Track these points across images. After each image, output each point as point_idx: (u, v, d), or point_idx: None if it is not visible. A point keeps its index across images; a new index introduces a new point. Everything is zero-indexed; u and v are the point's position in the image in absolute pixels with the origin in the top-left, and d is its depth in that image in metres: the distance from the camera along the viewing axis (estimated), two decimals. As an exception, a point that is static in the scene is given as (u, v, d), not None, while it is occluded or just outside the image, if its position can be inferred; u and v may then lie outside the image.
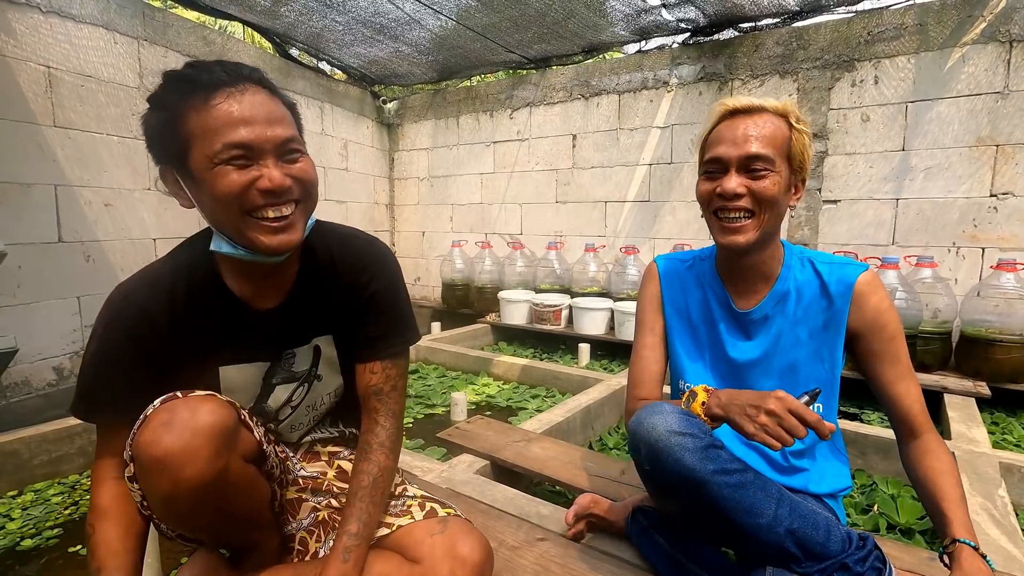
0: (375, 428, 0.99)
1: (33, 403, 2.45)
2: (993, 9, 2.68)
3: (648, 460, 0.95)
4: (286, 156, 0.82)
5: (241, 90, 0.80)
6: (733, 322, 1.11)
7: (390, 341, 1.02)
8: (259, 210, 0.81)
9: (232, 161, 0.78)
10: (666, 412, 0.94)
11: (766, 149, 0.97)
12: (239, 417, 0.86)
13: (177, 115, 0.79)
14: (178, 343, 0.89)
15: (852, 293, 1.01)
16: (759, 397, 0.88)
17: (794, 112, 1.01)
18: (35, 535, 1.54)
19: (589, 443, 2.19)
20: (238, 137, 0.77)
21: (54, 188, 2.50)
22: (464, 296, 4.34)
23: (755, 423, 0.86)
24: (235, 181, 0.78)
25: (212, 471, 0.77)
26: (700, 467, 0.88)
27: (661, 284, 1.20)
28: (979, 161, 2.77)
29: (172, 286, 0.88)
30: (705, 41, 3.44)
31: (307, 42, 3.74)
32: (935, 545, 1.48)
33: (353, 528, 0.89)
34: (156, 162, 0.85)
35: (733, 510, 0.88)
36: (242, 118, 0.78)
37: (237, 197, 0.79)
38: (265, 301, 0.94)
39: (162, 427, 0.76)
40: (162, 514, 0.83)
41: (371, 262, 1.01)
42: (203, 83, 0.78)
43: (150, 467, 0.76)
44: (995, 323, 2.48)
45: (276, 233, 0.82)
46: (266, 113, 0.80)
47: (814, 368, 1.05)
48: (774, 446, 0.84)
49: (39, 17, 2.42)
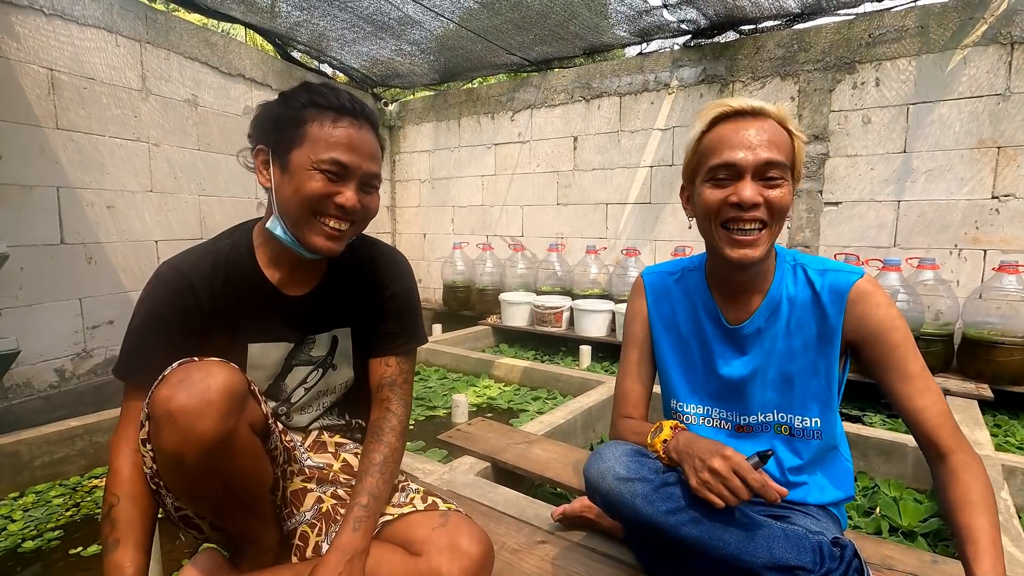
0: (387, 414, 1.07)
1: (35, 405, 2.45)
2: (994, 11, 2.68)
3: (606, 507, 0.97)
4: (366, 187, 0.98)
5: (362, 124, 0.97)
6: (724, 337, 1.06)
7: (405, 339, 1.14)
8: (327, 218, 0.95)
9: (327, 172, 0.93)
10: (614, 457, 0.95)
11: (781, 155, 0.91)
12: (249, 387, 0.91)
13: (303, 117, 0.94)
14: (215, 316, 1.00)
15: (845, 302, 0.96)
16: (709, 451, 0.86)
17: (791, 118, 0.96)
18: (36, 537, 1.54)
19: (590, 445, 2.18)
20: (344, 158, 0.93)
21: (56, 190, 2.50)
22: (465, 298, 4.34)
23: (699, 477, 0.85)
24: (321, 188, 0.93)
25: (222, 429, 0.82)
26: (653, 511, 0.89)
27: (648, 299, 1.16)
28: (981, 163, 2.77)
29: (214, 265, 1.00)
30: (706, 43, 3.44)
31: (309, 44, 3.75)
32: (938, 548, 1.47)
33: (364, 500, 0.94)
34: (256, 141, 0.99)
35: (696, 544, 0.87)
36: (351, 145, 0.94)
37: (316, 201, 0.93)
38: (295, 288, 1.06)
39: (179, 384, 0.81)
40: (170, 475, 0.86)
41: (393, 265, 1.15)
42: (336, 106, 0.95)
43: (164, 420, 0.80)
44: (997, 325, 2.48)
45: (328, 240, 0.96)
46: (370, 150, 0.97)
47: (810, 381, 1.00)
48: (716, 504, 0.83)
49: (42, 20, 2.43)
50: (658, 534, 0.90)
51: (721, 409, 1.08)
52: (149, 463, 0.87)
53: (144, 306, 0.97)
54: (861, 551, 0.90)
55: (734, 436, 1.07)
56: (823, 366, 1.00)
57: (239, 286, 1.01)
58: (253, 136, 1.00)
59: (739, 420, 1.07)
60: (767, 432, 1.05)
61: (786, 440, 1.03)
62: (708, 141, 0.95)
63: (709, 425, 1.09)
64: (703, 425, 1.09)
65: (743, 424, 1.06)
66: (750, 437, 1.06)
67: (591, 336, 3.43)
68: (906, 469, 1.82)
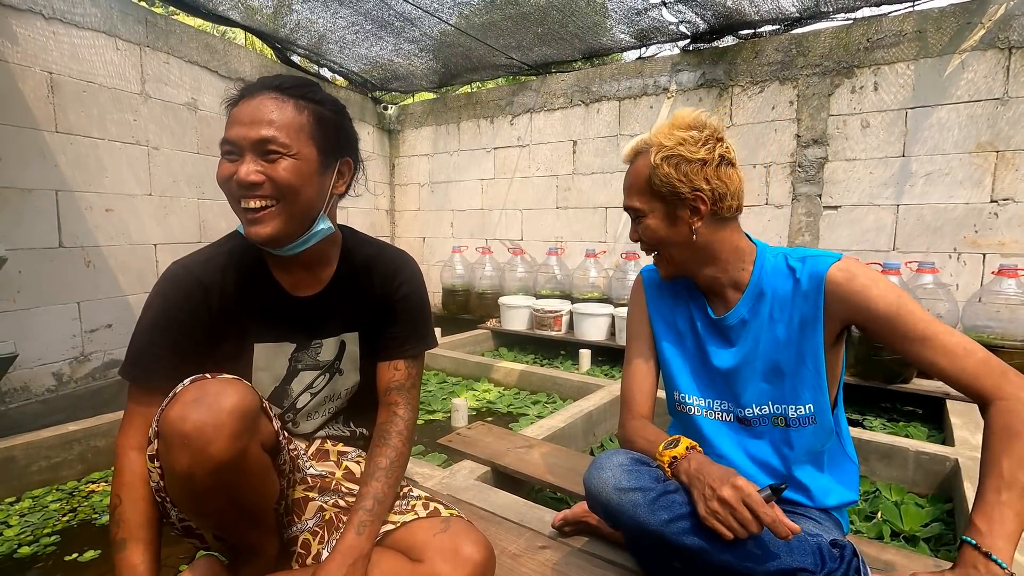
0: (394, 418, 1.06)
1: (32, 409, 2.44)
2: (992, 16, 2.69)
3: (607, 518, 0.97)
4: (267, 155, 0.89)
5: (261, 96, 0.90)
6: (713, 329, 1.10)
7: (414, 343, 1.12)
8: (238, 200, 0.91)
9: (226, 156, 0.91)
10: (613, 467, 0.96)
11: (632, 200, 1.06)
12: (262, 405, 0.90)
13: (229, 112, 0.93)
14: (224, 316, 0.98)
15: (824, 287, 0.96)
16: (720, 479, 0.84)
17: (656, 143, 1.02)
18: (32, 542, 1.53)
19: (590, 449, 2.17)
20: (230, 133, 0.90)
21: (55, 193, 2.50)
22: (464, 302, 4.34)
23: (707, 506, 0.84)
24: (223, 171, 0.91)
25: (234, 450, 0.80)
26: (654, 520, 0.89)
27: (647, 296, 1.19)
28: (979, 167, 2.78)
29: (225, 264, 1.00)
30: (705, 48, 3.45)
31: (308, 47, 3.76)
32: (940, 552, 1.46)
33: (369, 504, 0.94)
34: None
35: (698, 552, 0.87)
36: (240, 119, 0.90)
37: (223, 184, 0.92)
38: (302, 290, 1.05)
39: (192, 403, 0.80)
40: (178, 493, 0.85)
41: (403, 268, 1.13)
42: (246, 90, 0.93)
43: (176, 442, 0.79)
44: (997, 329, 2.48)
45: (251, 224, 0.92)
46: (263, 116, 0.89)
47: (798, 369, 1.01)
48: (725, 535, 0.82)
49: (42, 23, 2.43)
50: (660, 543, 0.90)
51: (721, 400, 1.09)
52: (156, 478, 0.86)
53: (153, 306, 0.96)
54: (861, 554, 0.90)
55: (736, 429, 1.08)
56: (809, 352, 1.00)
57: (249, 286, 1.01)
58: None
59: (739, 412, 1.07)
60: (765, 425, 1.05)
61: (784, 432, 1.04)
62: None
63: (712, 417, 1.10)
64: (706, 417, 1.10)
65: (743, 417, 1.07)
66: (751, 431, 1.07)
67: (591, 340, 3.43)
68: (907, 473, 1.81)
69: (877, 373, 2.51)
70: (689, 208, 1.01)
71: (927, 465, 1.78)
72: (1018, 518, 0.77)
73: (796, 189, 3.23)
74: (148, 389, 0.92)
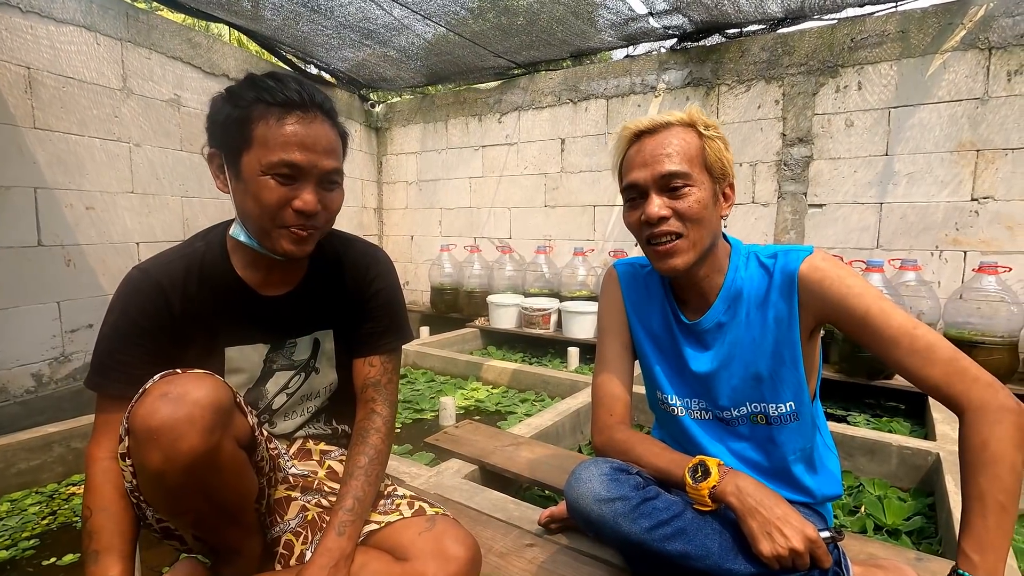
0: (372, 416, 1.04)
1: (11, 410, 2.39)
2: (972, 17, 2.73)
3: (588, 529, 0.97)
4: (325, 184, 0.91)
5: (313, 116, 0.88)
6: (687, 333, 1.07)
7: (389, 338, 1.11)
8: (288, 225, 0.90)
9: (279, 176, 0.86)
10: (592, 478, 0.95)
11: (681, 164, 0.94)
12: (235, 399, 0.88)
13: (249, 115, 0.87)
14: (189, 320, 0.96)
15: (796, 283, 0.94)
16: (786, 520, 0.83)
17: (701, 119, 0.97)
18: (10, 546, 1.49)
19: (579, 447, 2.18)
20: (295, 158, 0.86)
21: (34, 191, 2.45)
22: (453, 300, 4.33)
23: (775, 548, 0.82)
24: (275, 196, 0.87)
25: (206, 445, 0.78)
26: (635, 529, 0.89)
27: (622, 289, 1.16)
28: (960, 166, 2.82)
29: (187, 267, 0.97)
30: (692, 47, 3.47)
31: (294, 45, 3.72)
32: (922, 545, 1.48)
33: (349, 503, 0.92)
34: (209, 144, 0.95)
35: (682, 557, 0.88)
36: (303, 143, 0.86)
37: (273, 210, 0.88)
38: (272, 289, 1.02)
39: (160, 399, 0.78)
40: (151, 492, 0.83)
41: (375, 263, 1.11)
42: (282, 101, 0.86)
43: (145, 438, 0.77)
44: (978, 325, 2.52)
45: (293, 243, 0.91)
46: (326, 144, 0.89)
47: (778, 368, 0.99)
48: (774, 567, 0.84)
49: (18, 18, 2.37)
50: (643, 551, 0.90)
51: (700, 399, 1.09)
52: (129, 478, 0.84)
53: (114, 312, 0.94)
54: (845, 548, 0.92)
55: (718, 427, 1.08)
56: (787, 350, 0.98)
57: (214, 288, 0.98)
58: (208, 139, 0.95)
59: (718, 412, 1.07)
60: (745, 424, 1.05)
61: (766, 429, 1.04)
62: (622, 167, 1.02)
63: (693, 417, 1.09)
64: (688, 416, 1.10)
65: (722, 417, 1.07)
66: (732, 430, 1.06)
67: (579, 338, 3.43)
68: (891, 468, 1.84)
69: (861, 369, 2.54)
70: (723, 193, 0.99)
71: (910, 460, 1.81)
72: (1005, 538, 0.78)
73: (782, 188, 3.26)
74: (113, 398, 0.90)
